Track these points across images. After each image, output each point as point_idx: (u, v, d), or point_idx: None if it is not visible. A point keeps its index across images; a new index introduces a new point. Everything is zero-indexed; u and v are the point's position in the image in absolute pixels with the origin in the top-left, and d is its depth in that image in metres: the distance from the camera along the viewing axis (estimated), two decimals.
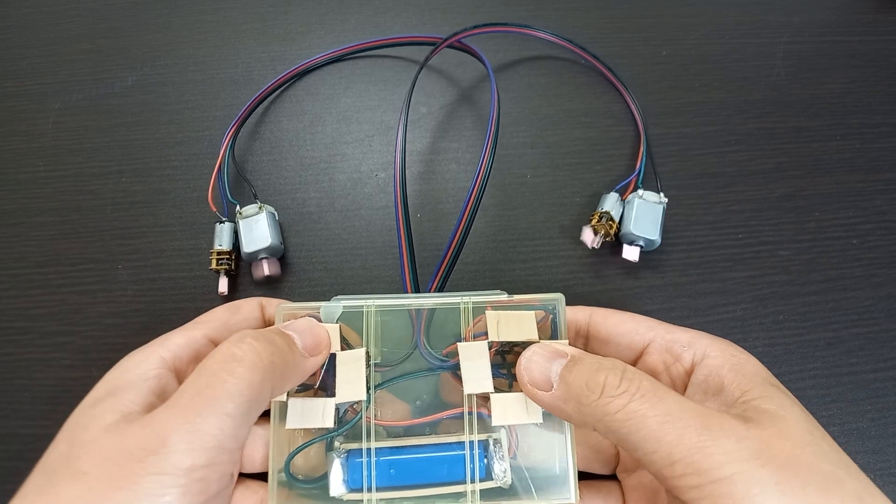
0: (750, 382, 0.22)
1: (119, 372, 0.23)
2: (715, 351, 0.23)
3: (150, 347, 0.24)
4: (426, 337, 0.26)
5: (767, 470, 0.18)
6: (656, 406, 0.19)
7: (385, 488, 0.24)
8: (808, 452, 0.19)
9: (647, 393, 0.20)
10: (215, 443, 0.19)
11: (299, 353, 0.23)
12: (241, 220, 0.34)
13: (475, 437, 0.25)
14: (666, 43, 0.43)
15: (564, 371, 0.22)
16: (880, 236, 0.37)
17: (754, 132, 0.39)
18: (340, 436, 0.25)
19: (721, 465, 0.18)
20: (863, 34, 0.43)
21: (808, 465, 0.18)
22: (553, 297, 0.26)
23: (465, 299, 0.26)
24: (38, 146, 0.39)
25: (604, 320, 0.27)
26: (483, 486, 0.24)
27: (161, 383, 0.23)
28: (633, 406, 0.19)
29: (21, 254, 0.36)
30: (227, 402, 0.20)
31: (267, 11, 0.44)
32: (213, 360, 0.21)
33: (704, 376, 0.23)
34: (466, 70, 0.41)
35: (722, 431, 0.18)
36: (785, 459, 0.18)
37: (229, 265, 0.33)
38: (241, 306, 0.27)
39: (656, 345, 0.25)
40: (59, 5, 0.44)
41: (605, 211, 0.34)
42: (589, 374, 0.21)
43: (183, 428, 0.19)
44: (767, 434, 0.19)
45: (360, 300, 0.26)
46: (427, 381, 0.26)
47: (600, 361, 0.22)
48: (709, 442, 0.18)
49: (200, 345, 0.25)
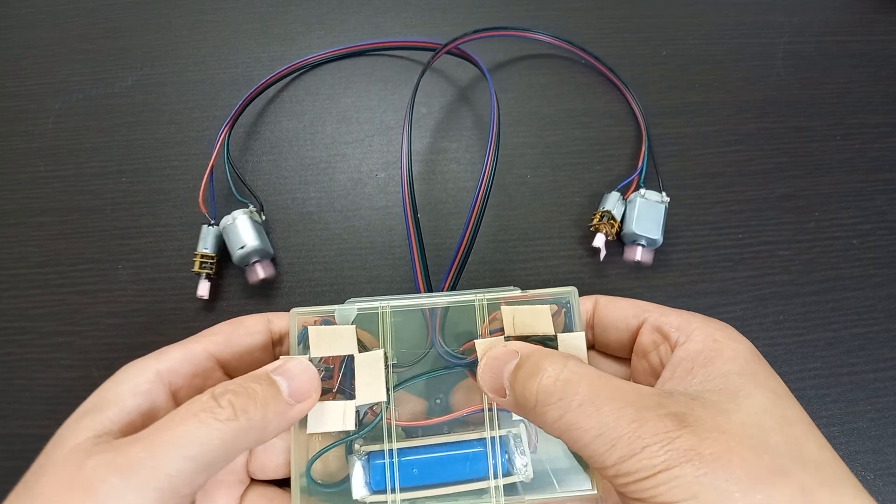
0: (715, 371, 0.22)
1: (112, 384, 0.23)
2: (699, 335, 0.23)
3: (147, 360, 0.24)
4: (441, 336, 0.26)
5: (693, 465, 0.18)
6: (591, 417, 0.19)
7: (408, 489, 0.24)
8: (745, 445, 0.19)
9: (584, 402, 0.20)
10: (168, 484, 0.19)
11: (284, 402, 0.22)
12: (226, 223, 0.34)
13: (496, 432, 0.25)
14: (666, 43, 0.43)
15: (511, 377, 0.22)
16: (880, 236, 0.37)
17: (754, 132, 0.39)
18: (361, 438, 0.25)
19: (648, 468, 0.18)
20: (863, 34, 0.43)
21: (740, 457, 0.18)
22: (566, 290, 0.26)
23: (479, 296, 0.26)
24: (38, 146, 0.39)
25: (605, 308, 0.27)
26: (506, 480, 0.25)
27: (150, 399, 0.23)
28: (568, 418, 0.20)
29: (21, 254, 0.36)
30: (191, 446, 0.20)
31: (267, 11, 0.44)
32: (192, 405, 0.21)
33: (680, 358, 0.23)
34: (466, 70, 0.41)
35: (654, 437, 0.19)
36: (713, 453, 0.18)
37: (211, 269, 0.33)
38: (244, 321, 0.27)
39: (649, 325, 0.26)
40: (59, 5, 0.44)
41: (606, 210, 0.34)
42: (527, 379, 0.21)
43: (143, 462, 0.19)
44: (702, 430, 0.19)
45: (373, 302, 0.26)
46: (444, 379, 0.26)
47: (539, 363, 0.21)
48: (637, 449, 0.18)
49: (200, 360, 0.25)
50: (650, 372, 0.25)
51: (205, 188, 0.34)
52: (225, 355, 0.25)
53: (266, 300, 0.35)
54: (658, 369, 0.25)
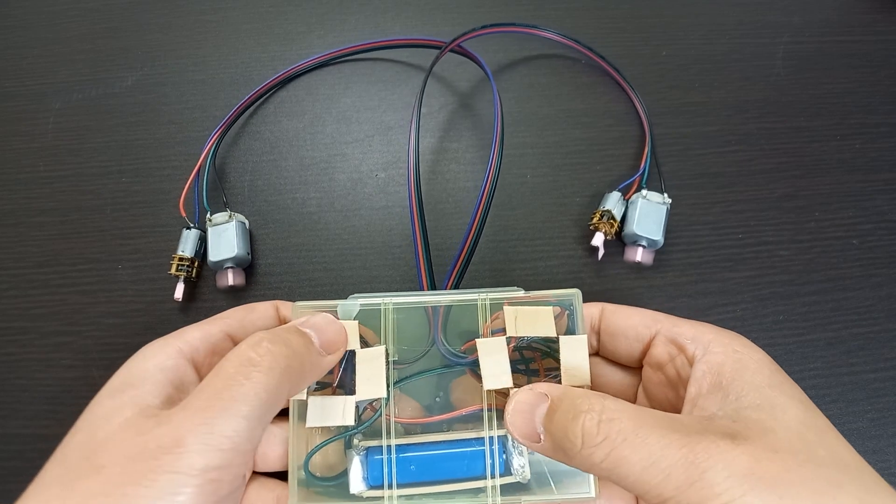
0: (746, 385, 0.21)
1: (137, 361, 0.23)
2: (717, 346, 0.23)
3: (167, 339, 0.24)
4: (443, 334, 0.26)
5: (757, 492, 0.17)
6: (639, 450, 0.19)
7: (405, 485, 0.25)
8: (800, 461, 0.18)
9: (628, 436, 0.19)
10: (230, 444, 0.19)
11: (316, 352, 0.23)
12: (210, 227, 0.34)
13: (495, 432, 0.25)
14: (666, 43, 0.43)
15: (546, 421, 0.21)
16: (880, 236, 0.37)
17: (754, 132, 0.39)
18: (360, 433, 0.25)
19: (711, 497, 0.18)
20: (863, 34, 0.43)
21: (800, 476, 0.18)
22: (570, 292, 0.26)
23: (482, 296, 0.26)
24: (38, 146, 0.39)
25: (613, 315, 0.27)
26: (503, 480, 0.25)
27: (179, 374, 0.23)
28: (615, 455, 0.19)
29: (21, 254, 0.36)
30: (242, 405, 0.20)
31: (267, 11, 0.44)
32: (230, 363, 0.21)
33: (703, 372, 0.23)
34: (466, 70, 0.41)
35: (709, 460, 0.18)
36: (774, 476, 0.18)
37: (189, 272, 0.33)
38: (256, 307, 0.28)
39: (662, 336, 0.25)
40: (59, 5, 0.44)
41: (606, 209, 0.34)
42: (567, 422, 0.20)
43: (199, 429, 0.19)
44: (755, 449, 0.19)
45: (377, 298, 0.26)
46: (444, 378, 0.27)
47: (577, 404, 0.21)
48: (695, 476, 0.18)
49: (217, 339, 0.25)
50: (666, 384, 0.25)
51: (187, 192, 0.34)
52: (239, 336, 0.26)
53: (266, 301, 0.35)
54: (675, 381, 0.25)
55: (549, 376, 0.26)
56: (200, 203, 0.35)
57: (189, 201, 0.36)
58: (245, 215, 0.36)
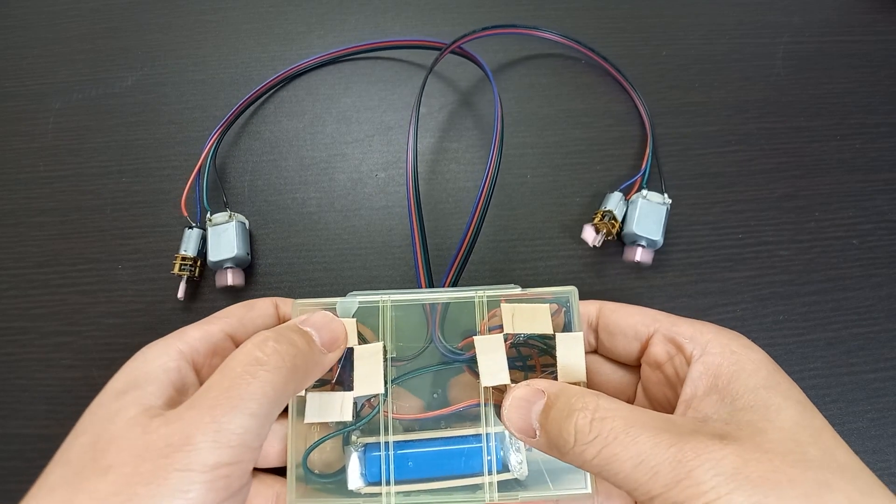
0: (742, 387, 0.22)
1: (139, 363, 0.24)
2: (715, 347, 0.23)
3: (168, 340, 0.24)
4: (441, 332, 0.27)
5: (743, 490, 0.18)
6: (629, 448, 0.19)
7: (403, 481, 0.25)
8: (789, 462, 0.19)
9: (619, 435, 0.19)
10: (239, 441, 0.20)
11: (318, 350, 0.24)
12: (210, 227, 0.34)
13: (492, 429, 0.25)
14: (666, 43, 0.43)
15: (541, 418, 0.22)
16: (880, 236, 0.37)
17: (754, 132, 0.39)
18: (358, 430, 0.26)
19: (698, 495, 0.18)
20: (863, 34, 0.43)
21: (788, 476, 0.18)
22: (566, 289, 0.26)
23: (479, 293, 0.26)
24: (38, 146, 0.39)
25: (611, 313, 0.27)
26: (500, 477, 0.25)
27: (180, 376, 0.23)
28: (606, 452, 0.19)
29: (21, 254, 0.36)
30: (250, 402, 0.20)
31: (267, 11, 0.44)
32: (237, 362, 0.21)
33: (700, 373, 0.23)
34: (466, 70, 0.41)
35: (697, 459, 0.18)
36: (761, 475, 0.18)
37: (192, 272, 0.33)
38: (256, 304, 0.28)
39: (660, 335, 0.25)
40: (59, 5, 0.44)
41: (607, 210, 0.34)
42: (561, 420, 0.21)
43: (208, 427, 0.19)
44: (744, 449, 0.19)
45: (375, 295, 0.27)
46: (442, 375, 0.27)
47: (571, 402, 0.21)
48: (682, 475, 0.18)
49: (217, 339, 0.26)
50: (665, 383, 0.25)
51: (188, 191, 0.34)
52: (239, 335, 0.26)
53: None
54: (673, 380, 0.25)
55: (546, 373, 0.26)
56: (201, 203, 0.35)
57: (190, 201, 0.36)
58: (245, 215, 0.36)
